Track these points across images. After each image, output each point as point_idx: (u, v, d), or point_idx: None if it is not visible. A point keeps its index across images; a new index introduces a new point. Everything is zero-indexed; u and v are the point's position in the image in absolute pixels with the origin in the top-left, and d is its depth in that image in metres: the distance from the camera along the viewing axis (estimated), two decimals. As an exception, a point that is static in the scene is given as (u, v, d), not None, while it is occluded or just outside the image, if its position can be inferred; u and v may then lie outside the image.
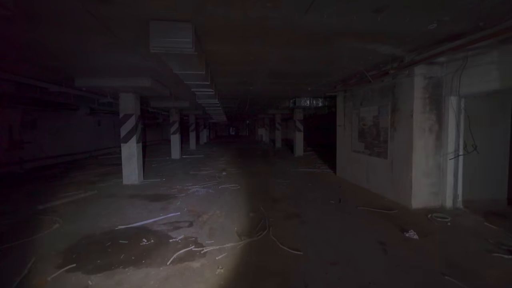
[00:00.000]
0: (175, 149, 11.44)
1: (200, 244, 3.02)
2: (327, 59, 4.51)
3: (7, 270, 2.53)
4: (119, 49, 3.70)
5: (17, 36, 3.20)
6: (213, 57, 4.20)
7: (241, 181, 6.52)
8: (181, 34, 2.75)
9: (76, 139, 11.21)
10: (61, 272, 2.48)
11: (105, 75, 5.28)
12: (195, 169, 8.36)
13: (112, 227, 3.60)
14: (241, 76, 5.79)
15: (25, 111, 8.39)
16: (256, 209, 4.28)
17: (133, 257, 2.76)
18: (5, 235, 3.35)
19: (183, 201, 4.83)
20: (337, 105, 7.07)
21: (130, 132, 6.24)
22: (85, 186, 6.11)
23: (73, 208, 4.47)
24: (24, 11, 2.51)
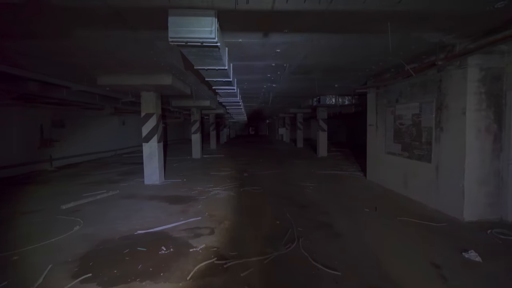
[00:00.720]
0: (195, 149, 11.38)
1: (222, 256, 2.73)
2: (361, 50, 4.05)
3: (24, 278, 2.40)
4: (137, 44, 3.52)
5: (38, 31, 3.11)
6: (236, 51, 3.90)
7: (264, 183, 6.19)
8: (203, 23, 2.47)
9: (101, 138, 11.53)
10: (75, 283, 2.31)
11: (125, 73, 5.20)
12: (216, 170, 8.17)
13: (131, 231, 3.43)
14: (264, 72, 5.45)
15: (55, 111, 8.68)
16: (282, 216, 3.92)
17: (151, 268, 2.53)
18: (28, 236, 3.29)
19: (203, 204, 4.60)
20: (367, 102, 6.50)
21: (151, 131, 6.15)
22: (107, 185, 6.11)
23: (94, 208, 4.41)
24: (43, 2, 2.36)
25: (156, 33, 3.14)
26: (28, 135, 7.99)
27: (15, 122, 7.50)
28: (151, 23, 2.84)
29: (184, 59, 4.20)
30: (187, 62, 4.28)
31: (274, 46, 3.72)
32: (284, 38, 3.41)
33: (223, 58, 3.29)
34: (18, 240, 3.16)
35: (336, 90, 8.26)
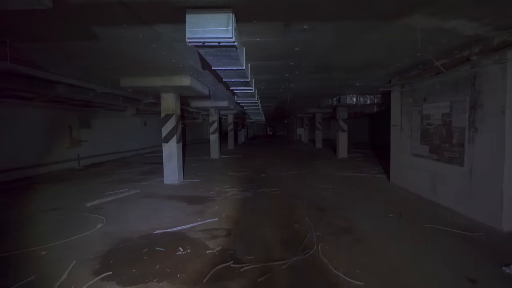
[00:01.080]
0: (214, 149, 11.49)
1: (239, 260, 2.68)
2: (385, 46, 3.83)
3: (50, 272, 2.50)
4: (157, 45, 3.57)
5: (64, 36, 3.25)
6: (254, 50, 3.84)
7: (281, 184, 6.09)
8: (220, 22, 2.43)
9: (124, 138, 12.01)
10: (96, 281, 2.36)
11: (146, 75, 5.34)
12: (233, 170, 8.18)
13: (150, 231, 3.48)
14: (282, 71, 5.35)
15: (82, 113, 9.15)
16: (300, 219, 3.81)
17: (168, 269, 2.54)
18: (56, 232, 3.45)
19: (220, 205, 4.59)
20: (391, 102, 6.18)
21: (171, 132, 6.27)
22: (129, 184, 6.31)
23: (116, 207, 4.55)
24: (66, 6, 2.45)
25: (174, 35, 3.16)
26: (59, 135, 8.49)
27: (47, 123, 7.99)
28: (170, 24, 2.85)
29: (202, 60, 4.22)
30: (205, 63, 4.30)
31: (292, 44, 3.62)
32: (303, 36, 3.29)
33: (240, 58, 3.24)
34: (47, 235, 3.32)
35: (357, 89, 7.96)
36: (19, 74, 4.64)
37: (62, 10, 2.46)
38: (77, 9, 2.47)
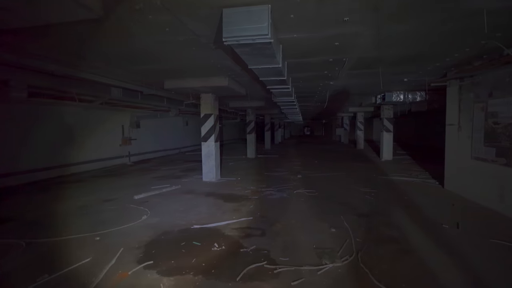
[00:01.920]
0: (250, 148, 11.63)
1: (272, 261, 2.63)
2: (441, 35, 3.39)
3: (102, 257, 2.76)
4: (196, 47, 3.70)
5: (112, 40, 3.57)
6: (291, 48, 3.75)
7: (318, 186, 5.86)
8: (256, 19, 2.41)
9: (168, 137, 12.88)
10: (139, 268, 2.53)
11: (187, 77, 5.61)
12: (269, 170, 8.16)
13: (188, 225, 3.64)
14: (321, 68, 5.14)
15: (132, 113, 10.04)
16: (338, 223, 3.60)
17: (204, 264, 2.61)
18: (108, 220, 3.82)
19: (256, 204, 4.60)
20: (447, 98, 5.49)
21: (209, 131, 6.50)
22: (171, 180, 6.72)
23: (159, 200, 4.87)
24: (110, 13, 2.67)
25: (212, 36, 3.25)
26: (114, 134, 9.46)
27: (103, 124, 8.96)
28: (208, 25, 2.93)
29: (239, 60, 4.27)
30: (242, 62, 4.34)
31: (332, 38, 3.44)
32: (345, 28, 3.10)
33: (276, 56, 3.19)
34: (100, 223, 3.70)
35: (405, 85, 7.26)
36: (83, 79, 5.25)
37: (112, 18, 2.70)
38: (124, 18, 2.69)
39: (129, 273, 2.45)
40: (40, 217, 4.00)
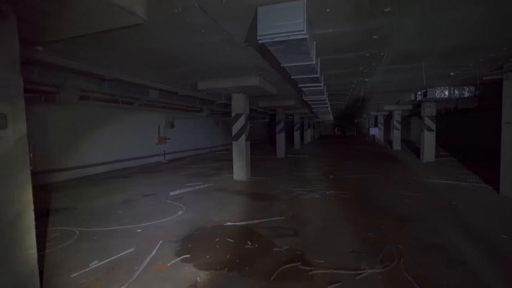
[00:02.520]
0: (280, 148, 11.57)
1: (307, 262, 2.57)
2: (496, 21, 3.03)
3: (144, 247, 2.94)
4: (230, 47, 3.77)
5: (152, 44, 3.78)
6: (325, 43, 3.64)
7: (352, 188, 5.62)
8: (291, 15, 2.38)
9: (199, 136, 13.34)
10: (177, 261, 2.65)
11: (219, 77, 5.75)
12: (299, 170, 8.03)
13: (221, 222, 3.72)
14: (356, 65, 4.92)
15: (167, 114, 10.58)
16: (376, 228, 3.40)
17: (238, 260, 2.64)
18: (147, 214, 4.06)
19: (287, 204, 4.55)
20: (504, 93, 4.89)
21: (240, 130, 6.58)
22: (203, 178, 6.94)
23: (193, 197, 5.05)
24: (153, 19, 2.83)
25: (245, 35, 3.28)
26: (151, 134, 10.06)
27: (142, 124, 9.57)
28: (242, 25, 2.97)
29: (271, 58, 4.26)
30: (274, 61, 4.32)
31: (370, 32, 3.26)
32: (385, 20, 2.92)
33: (310, 52, 3.11)
34: (141, 216, 3.94)
35: (451, 80, 6.64)
36: (125, 81, 5.66)
37: (152, 22, 2.85)
38: (163, 22, 2.83)
39: (168, 265, 2.58)
40: (90, 208, 4.39)
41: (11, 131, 1.86)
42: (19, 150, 1.91)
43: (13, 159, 1.87)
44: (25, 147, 1.96)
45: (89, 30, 2.44)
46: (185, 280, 2.32)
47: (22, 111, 1.93)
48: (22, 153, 1.93)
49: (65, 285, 2.26)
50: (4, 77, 1.82)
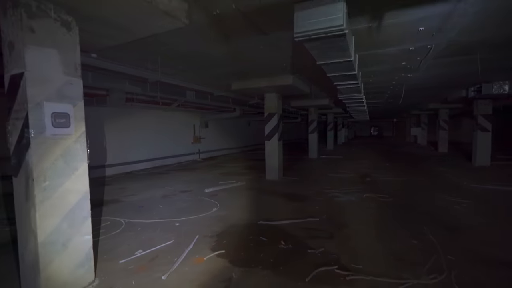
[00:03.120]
0: (312, 148, 11.32)
1: (344, 267, 2.47)
2: None
3: (183, 241, 3.09)
4: (264, 47, 3.78)
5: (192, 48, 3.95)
6: (365, 38, 3.46)
7: (392, 191, 5.26)
8: (330, 10, 2.30)
9: (232, 136, 13.64)
10: (213, 256, 2.73)
11: (252, 78, 5.81)
12: (333, 171, 7.76)
13: (254, 220, 3.75)
14: (398, 60, 4.59)
15: (201, 114, 11.01)
16: (421, 236, 3.14)
17: (272, 260, 2.63)
18: (185, 209, 4.27)
19: (321, 205, 4.42)
20: None
21: (273, 130, 6.58)
22: (236, 176, 7.07)
23: (227, 195, 5.18)
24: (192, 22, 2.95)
25: (281, 34, 3.26)
26: (187, 133, 10.56)
27: (179, 124, 10.09)
28: (277, 23, 2.96)
29: (305, 57, 4.18)
30: (308, 59, 4.23)
31: (416, 23, 3.02)
32: (434, 9, 2.68)
33: (349, 48, 2.98)
34: (179, 211, 4.16)
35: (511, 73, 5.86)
36: (165, 83, 6.03)
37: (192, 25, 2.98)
38: (202, 24, 2.94)
39: (204, 259, 2.67)
40: (135, 201, 4.75)
41: (73, 129, 2.09)
42: (79, 146, 2.14)
43: (74, 154, 2.10)
44: (84, 144, 2.19)
45: (137, 36, 2.63)
46: (220, 275, 2.38)
47: (82, 112, 2.16)
48: (82, 148, 2.17)
49: (115, 269, 2.48)
50: (69, 80, 2.05)
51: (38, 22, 1.85)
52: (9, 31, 1.84)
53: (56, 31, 1.96)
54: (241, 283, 2.26)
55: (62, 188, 2.01)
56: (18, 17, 1.78)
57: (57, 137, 1.98)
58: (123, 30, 2.42)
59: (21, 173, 1.93)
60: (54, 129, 1.96)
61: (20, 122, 1.86)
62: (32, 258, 1.94)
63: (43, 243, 1.91)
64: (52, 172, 1.95)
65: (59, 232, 2.00)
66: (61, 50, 2.00)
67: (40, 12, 1.86)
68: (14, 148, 1.94)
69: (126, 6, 2.00)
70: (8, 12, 1.83)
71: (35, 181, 1.86)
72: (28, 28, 1.79)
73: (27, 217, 1.93)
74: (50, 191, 1.95)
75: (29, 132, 1.83)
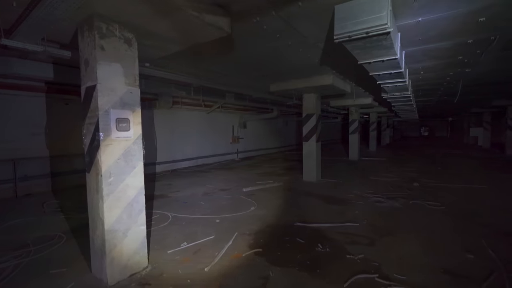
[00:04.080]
0: (353, 150, 10.83)
1: (385, 276, 2.36)
2: None
3: (222, 237, 3.28)
4: (303, 49, 3.78)
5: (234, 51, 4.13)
6: (412, 34, 3.24)
7: (444, 198, 4.79)
8: (373, 9, 2.23)
9: (269, 136, 13.75)
10: (251, 253, 2.85)
11: (291, 79, 5.81)
12: (376, 175, 7.33)
13: (291, 221, 3.78)
14: (453, 54, 4.17)
15: (240, 115, 11.34)
16: (478, 249, 2.83)
17: (308, 262, 2.65)
18: (224, 207, 4.50)
19: (361, 210, 4.25)
20: None
21: (311, 131, 6.49)
22: (273, 177, 7.15)
23: (264, 195, 5.28)
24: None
25: (320, 35, 3.24)
26: (226, 133, 11.00)
27: (219, 124, 10.55)
28: (316, 25, 2.95)
29: (346, 56, 4.06)
30: (349, 59, 4.11)
31: (475, 14, 2.73)
32: (497, -2, 2.40)
33: (394, 46, 2.83)
34: (219, 208, 4.39)
35: None
36: (206, 87, 6.40)
37: (234, 33, 3.13)
38: (243, 32, 3.07)
39: (242, 255, 2.80)
40: (179, 197, 5.15)
41: (132, 132, 2.39)
42: (137, 147, 2.44)
43: (133, 154, 2.40)
44: (140, 145, 2.48)
45: (183, 46, 2.88)
46: (258, 272, 2.48)
47: (139, 116, 2.46)
48: (138, 149, 2.46)
49: (164, 258, 2.75)
50: (129, 90, 2.35)
51: (106, 41, 2.17)
52: (85, 51, 2.20)
53: (120, 48, 2.27)
54: (279, 282, 2.32)
55: (123, 183, 2.32)
56: (92, 38, 2.11)
57: (119, 139, 2.29)
58: (172, 42, 2.67)
59: (92, 169, 2.28)
60: (117, 132, 2.27)
61: (93, 126, 2.20)
62: (100, 242, 2.27)
63: (109, 230, 2.23)
64: (115, 169, 2.27)
65: (120, 222, 2.32)
66: (124, 63, 2.31)
67: (109, 33, 2.18)
68: (87, 148, 2.30)
69: (178, 22, 2.22)
70: (84, 34, 2.18)
71: (103, 176, 2.18)
72: (99, 46, 2.11)
73: (96, 207, 2.27)
74: (114, 185, 2.26)
75: (99, 135, 2.16)
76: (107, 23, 2.16)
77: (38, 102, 5.60)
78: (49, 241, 3.16)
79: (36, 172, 5.54)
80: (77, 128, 5.62)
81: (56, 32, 2.51)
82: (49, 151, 5.76)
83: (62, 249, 2.99)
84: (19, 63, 3.86)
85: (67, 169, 5.97)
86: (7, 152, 5.18)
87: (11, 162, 5.20)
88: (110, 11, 2.07)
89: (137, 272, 2.46)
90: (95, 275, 2.40)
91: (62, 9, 1.84)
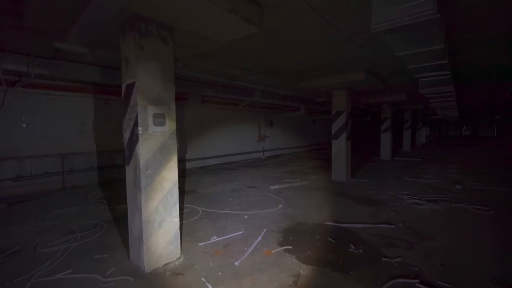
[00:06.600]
0: (385, 149, 10.27)
1: (427, 282, 2.19)
2: None
3: (251, 233, 3.29)
4: (336, 42, 3.64)
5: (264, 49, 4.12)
6: (459, 20, 2.96)
7: (493, 202, 4.33)
8: (417, -6, 2.06)
9: (296, 135, 13.55)
10: (281, 250, 2.82)
11: (321, 75, 5.64)
12: (411, 175, 6.87)
13: (320, 220, 3.68)
14: (506, 40, 3.74)
15: (267, 113, 11.31)
16: (539, 259, 2.51)
17: (341, 262, 2.55)
18: (252, 203, 4.52)
19: (397, 211, 4.00)
20: None
21: (341, 129, 6.27)
22: (300, 175, 7.03)
23: (292, 193, 5.21)
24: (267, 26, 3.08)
25: (354, 27, 3.09)
26: (253, 132, 11.06)
27: (246, 123, 10.64)
28: (351, 16, 2.82)
29: (380, 49, 3.83)
30: (384, 51, 3.91)
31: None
32: None
33: (438, 35, 2.61)
34: (247, 205, 4.42)
35: None
36: (234, 86, 6.46)
37: (265, 28, 3.11)
38: (275, 27, 3.03)
39: (273, 252, 2.78)
40: (209, 193, 5.28)
41: (167, 127, 2.49)
42: (171, 141, 2.53)
43: (168, 148, 2.50)
44: (175, 140, 2.57)
45: (216, 44, 2.93)
46: (289, 269, 2.44)
47: (173, 112, 2.55)
48: (173, 143, 2.55)
49: (195, 250, 2.83)
50: (165, 86, 2.45)
51: (145, 40, 2.27)
52: (126, 50, 2.33)
53: (157, 46, 2.37)
54: (310, 281, 2.27)
55: (159, 176, 2.42)
56: (132, 37, 2.22)
57: (156, 133, 2.40)
58: (205, 39, 2.73)
59: (131, 162, 2.41)
60: (154, 127, 2.37)
61: (132, 121, 2.33)
62: (137, 231, 2.40)
63: (146, 221, 2.34)
64: (152, 163, 2.37)
65: (156, 213, 2.42)
66: (160, 61, 2.40)
67: (147, 32, 2.28)
68: (127, 142, 2.44)
69: (212, 18, 2.26)
70: (126, 34, 2.31)
71: (141, 169, 2.30)
72: (139, 46, 2.23)
73: (135, 198, 2.40)
74: (151, 178, 2.37)
75: (138, 129, 2.27)
76: (146, 23, 2.26)
77: (83, 102, 6.09)
78: (92, 229, 3.42)
79: (81, 166, 6.05)
80: (116, 126, 6.02)
81: (100, 35, 2.70)
82: (94, 147, 6.26)
83: (103, 236, 3.21)
84: (68, 66, 4.22)
85: (108, 164, 6.44)
86: (56, 147, 5.72)
87: (60, 157, 5.73)
88: (149, 11, 2.17)
89: (171, 262, 2.56)
90: (133, 262, 2.54)
91: (108, 11, 1.96)
